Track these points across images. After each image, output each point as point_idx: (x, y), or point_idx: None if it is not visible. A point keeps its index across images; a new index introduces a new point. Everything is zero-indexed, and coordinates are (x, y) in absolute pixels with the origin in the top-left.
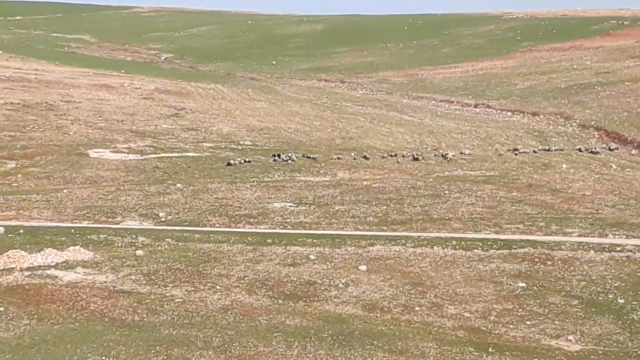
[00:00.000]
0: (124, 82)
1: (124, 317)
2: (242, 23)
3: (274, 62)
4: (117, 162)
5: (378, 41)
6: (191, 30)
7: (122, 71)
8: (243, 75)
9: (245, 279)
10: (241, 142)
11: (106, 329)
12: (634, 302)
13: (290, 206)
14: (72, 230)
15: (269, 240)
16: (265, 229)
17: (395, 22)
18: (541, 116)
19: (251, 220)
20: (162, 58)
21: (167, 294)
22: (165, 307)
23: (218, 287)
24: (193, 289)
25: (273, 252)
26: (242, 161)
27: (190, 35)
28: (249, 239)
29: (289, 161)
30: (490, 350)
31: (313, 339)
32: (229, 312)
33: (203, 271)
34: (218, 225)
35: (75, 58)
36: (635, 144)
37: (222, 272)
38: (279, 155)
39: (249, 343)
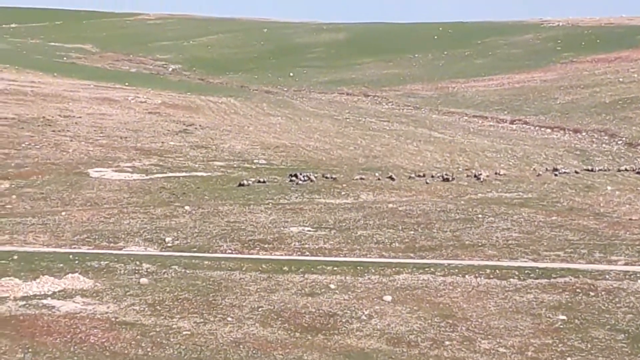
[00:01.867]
0: (128, 96)
1: (126, 351)
2: (256, 31)
3: (291, 74)
4: (120, 183)
5: (405, 51)
6: (201, 39)
7: (126, 83)
8: (257, 88)
9: (259, 309)
10: (255, 161)
11: None
12: None
13: (309, 231)
14: (71, 257)
15: (285, 268)
16: (281, 255)
17: (424, 31)
18: (583, 133)
19: (266, 245)
20: (170, 69)
21: (173, 326)
22: (172, 340)
23: (229, 319)
24: (202, 320)
25: (290, 280)
26: (256, 181)
27: (200, 45)
28: (264, 266)
29: (308, 182)
30: None
31: None
32: (241, 346)
33: (213, 301)
34: (229, 251)
35: (75, 69)
36: None
37: (233, 302)
38: (296, 176)
39: None
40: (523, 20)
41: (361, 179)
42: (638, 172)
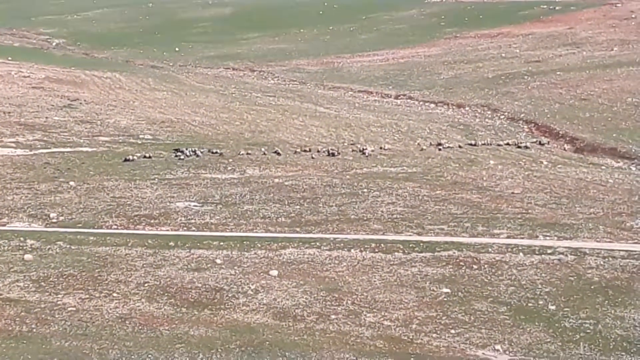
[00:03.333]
0: (11, 70)
1: (10, 328)
2: (142, 6)
3: (177, 49)
4: (3, 158)
5: (291, 26)
6: (86, 13)
7: (9, 58)
8: (143, 63)
9: (145, 285)
10: (141, 136)
11: None
12: (566, 309)
13: (195, 206)
14: None
15: (172, 243)
16: (168, 230)
17: (310, 6)
18: (467, 108)
19: (152, 221)
20: (54, 44)
21: (58, 302)
22: (57, 316)
23: (115, 295)
24: (87, 296)
25: (176, 256)
26: (142, 157)
27: (85, 19)
28: (150, 241)
29: (194, 157)
30: None
31: (219, 350)
32: (127, 322)
33: (99, 277)
34: (115, 226)
35: None
36: (568, 139)
37: (119, 278)
38: (181, 151)
39: (149, 355)
40: None
41: (247, 154)
42: (519, 147)
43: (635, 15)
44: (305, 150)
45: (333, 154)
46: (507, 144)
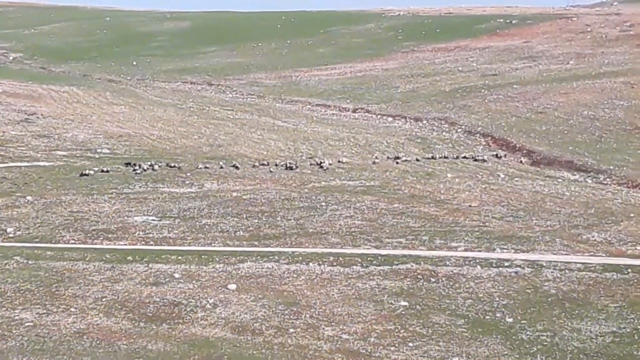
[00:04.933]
0: None
1: None
2: (99, 20)
3: (134, 63)
4: None
5: (249, 40)
6: (43, 27)
7: None
8: (101, 77)
9: (103, 300)
10: (98, 150)
11: None
12: (523, 321)
13: (153, 220)
14: None
15: (129, 258)
16: (125, 245)
17: (268, 20)
18: (424, 122)
19: (109, 235)
20: (10, 58)
21: (15, 318)
22: (14, 332)
23: (73, 310)
24: (45, 311)
25: (134, 270)
26: (100, 171)
27: (42, 33)
28: (107, 256)
29: (151, 171)
30: None
31: None
32: (84, 337)
33: (56, 292)
34: (73, 241)
35: None
36: (524, 152)
37: (77, 292)
38: (136, 164)
39: None
40: (365, 10)
41: (205, 167)
42: (477, 160)
43: (591, 29)
44: (263, 164)
45: (291, 168)
46: (465, 157)
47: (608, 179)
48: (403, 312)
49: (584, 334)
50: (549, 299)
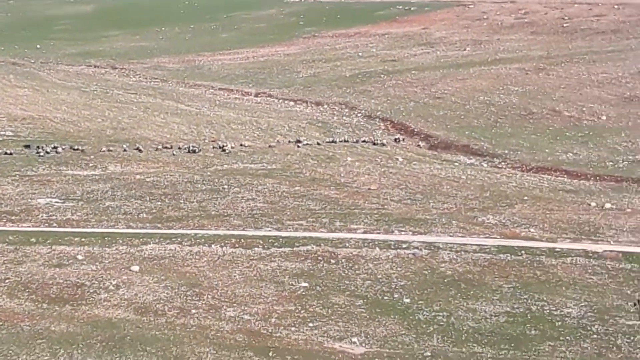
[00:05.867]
0: None
1: None
2: (2, 3)
3: (38, 46)
4: None
5: (152, 24)
6: None
7: None
8: (4, 60)
9: (6, 281)
10: (2, 133)
11: None
12: (420, 302)
13: (56, 202)
14: None
15: (33, 240)
16: (29, 227)
17: (171, 4)
18: (325, 106)
19: (13, 217)
20: None
21: None
22: None
23: None
24: None
25: (37, 252)
26: (3, 153)
27: None
28: (10, 237)
29: (55, 153)
30: (270, 354)
31: (81, 345)
32: None
33: None
34: None
35: None
36: (422, 136)
37: None
38: (36, 147)
39: (10, 351)
40: None
41: (109, 150)
42: (376, 144)
43: (487, 17)
44: (166, 147)
45: (194, 151)
46: (364, 141)
47: (503, 163)
48: (303, 293)
49: (479, 314)
50: (445, 280)
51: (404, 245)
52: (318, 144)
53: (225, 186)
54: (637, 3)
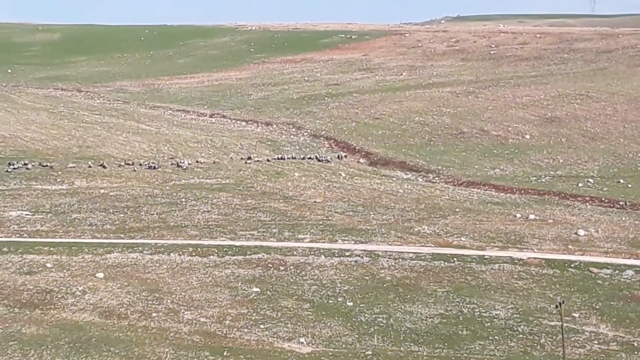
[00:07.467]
0: None
1: None
2: None
3: (9, 71)
4: None
5: (115, 51)
6: None
7: None
8: None
9: None
10: None
11: None
12: (362, 305)
13: (27, 215)
14: None
15: (5, 249)
16: (1, 237)
17: (132, 33)
18: (274, 126)
19: None
20: None
21: None
22: None
23: None
24: None
25: (9, 260)
26: None
27: None
28: None
29: (25, 169)
30: (225, 354)
31: (49, 347)
32: None
33: None
34: None
35: None
36: (363, 153)
37: None
38: (12, 164)
39: None
40: (221, 25)
41: (75, 167)
42: (321, 160)
43: (422, 44)
44: (128, 164)
45: (154, 167)
46: (310, 158)
47: (436, 178)
48: (255, 297)
49: (415, 316)
50: (385, 285)
51: (347, 254)
52: (268, 160)
53: (183, 199)
54: (557, 32)
